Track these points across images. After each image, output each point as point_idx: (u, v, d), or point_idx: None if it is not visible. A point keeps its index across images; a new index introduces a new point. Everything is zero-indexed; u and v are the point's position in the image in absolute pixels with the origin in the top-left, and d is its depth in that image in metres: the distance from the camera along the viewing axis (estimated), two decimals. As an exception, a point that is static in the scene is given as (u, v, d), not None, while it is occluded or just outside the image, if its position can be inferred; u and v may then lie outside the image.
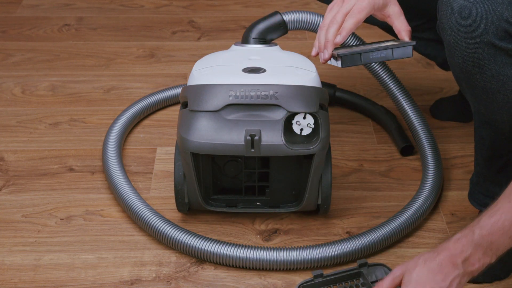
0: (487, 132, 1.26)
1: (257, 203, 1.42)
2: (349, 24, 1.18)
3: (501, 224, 0.98)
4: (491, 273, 1.31)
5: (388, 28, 1.61)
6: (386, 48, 1.19)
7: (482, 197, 1.36)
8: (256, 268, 1.34)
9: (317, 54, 1.24)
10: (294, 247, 1.34)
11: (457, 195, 1.54)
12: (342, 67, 1.17)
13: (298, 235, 1.44)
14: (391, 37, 1.53)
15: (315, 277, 1.25)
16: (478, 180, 1.35)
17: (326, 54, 1.19)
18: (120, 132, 1.65)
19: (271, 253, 1.32)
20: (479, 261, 1.01)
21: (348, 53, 1.17)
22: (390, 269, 1.28)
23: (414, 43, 1.20)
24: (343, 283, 1.27)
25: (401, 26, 1.20)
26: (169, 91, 1.82)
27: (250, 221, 1.47)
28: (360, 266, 1.27)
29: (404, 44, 1.19)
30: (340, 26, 1.19)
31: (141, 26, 2.26)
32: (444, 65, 1.68)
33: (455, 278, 1.01)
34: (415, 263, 1.04)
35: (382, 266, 1.29)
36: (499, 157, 1.29)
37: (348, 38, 1.52)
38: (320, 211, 1.41)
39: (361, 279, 1.27)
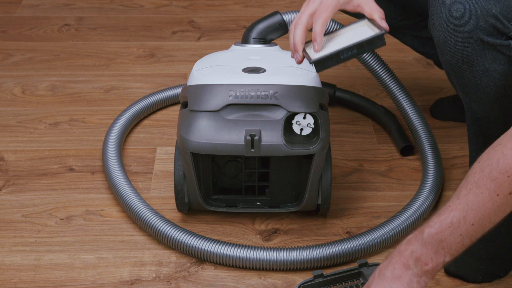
0: (480, 129, 1.26)
1: (257, 203, 1.42)
2: (318, 27, 1.14)
3: (449, 221, 0.95)
4: (490, 272, 1.31)
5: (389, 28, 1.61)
6: (358, 44, 1.12)
7: None
8: (256, 268, 1.34)
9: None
10: (294, 247, 1.34)
11: (457, 195, 1.54)
12: (317, 72, 1.16)
13: (298, 235, 1.44)
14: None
15: (315, 277, 1.25)
16: None
17: (298, 56, 1.17)
18: (120, 132, 1.65)
19: (271, 253, 1.32)
20: (432, 260, 0.98)
21: (320, 58, 1.13)
22: None
23: (386, 31, 1.12)
24: (343, 283, 1.27)
25: (372, 10, 1.14)
26: (169, 91, 1.82)
27: (250, 221, 1.47)
28: (360, 266, 1.27)
29: (376, 35, 1.12)
30: (306, 27, 1.16)
31: (141, 26, 2.26)
32: (440, 64, 1.67)
33: (411, 279, 0.99)
34: (372, 278, 1.03)
35: None
36: None
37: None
38: (320, 211, 1.41)
39: (361, 279, 1.27)
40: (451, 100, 1.79)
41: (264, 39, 1.48)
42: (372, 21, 1.17)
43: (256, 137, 1.26)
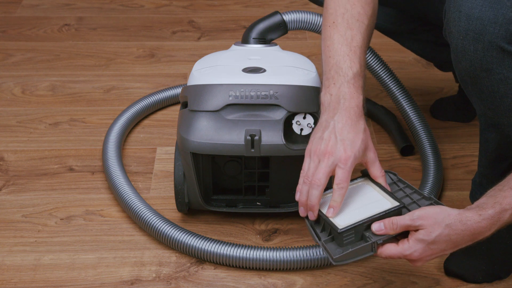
0: (493, 135, 1.25)
1: (257, 203, 1.42)
2: (339, 197, 1.10)
3: None
4: (491, 273, 1.31)
5: (389, 32, 1.61)
6: (381, 216, 1.08)
7: None
8: (256, 268, 1.34)
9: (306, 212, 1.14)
10: (294, 247, 1.34)
11: (457, 195, 1.54)
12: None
13: (298, 235, 1.43)
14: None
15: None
16: (481, 181, 1.35)
17: (312, 215, 1.13)
18: (120, 132, 1.65)
19: (271, 253, 1.32)
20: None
21: (347, 227, 1.07)
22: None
23: (404, 204, 1.11)
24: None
25: (377, 173, 1.17)
26: (169, 91, 1.82)
27: (250, 221, 1.47)
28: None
29: (399, 206, 1.10)
30: (323, 188, 1.11)
31: (141, 26, 2.26)
32: (441, 67, 1.67)
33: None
34: (439, 226, 1.03)
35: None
36: (503, 160, 1.28)
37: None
38: (320, 211, 1.41)
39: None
40: (451, 100, 1.79)
41: (264, 39, 1.48)
42: (374, 180, 1.17)
43: (256, 137, 1.26)
